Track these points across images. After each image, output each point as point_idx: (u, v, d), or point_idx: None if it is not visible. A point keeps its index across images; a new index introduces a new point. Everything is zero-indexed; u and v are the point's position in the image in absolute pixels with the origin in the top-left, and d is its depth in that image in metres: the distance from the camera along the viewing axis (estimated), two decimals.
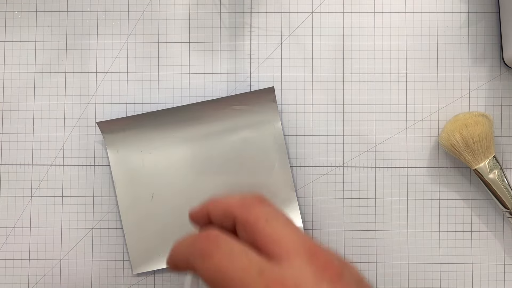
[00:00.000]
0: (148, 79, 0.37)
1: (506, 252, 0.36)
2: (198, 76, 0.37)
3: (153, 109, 0.37)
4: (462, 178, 0.37)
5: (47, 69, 0.37)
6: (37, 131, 0.37)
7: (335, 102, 0.37)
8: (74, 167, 0.37)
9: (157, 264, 0.36)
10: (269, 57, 0.37)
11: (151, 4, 0.38)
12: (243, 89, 0.37)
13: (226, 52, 0.38)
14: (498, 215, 0.36)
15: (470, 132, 0.34)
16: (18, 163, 0.37)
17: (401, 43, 0.37)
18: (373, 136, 0.37)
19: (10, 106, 0.37)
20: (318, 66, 0.37)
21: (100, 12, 0.38)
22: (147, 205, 0.36)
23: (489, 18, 0.37)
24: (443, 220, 0.36)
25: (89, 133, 0.37)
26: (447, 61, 0.37)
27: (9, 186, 0.37)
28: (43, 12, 0.38)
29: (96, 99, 0.37)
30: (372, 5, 0.38)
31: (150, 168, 0.36)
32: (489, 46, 0.37)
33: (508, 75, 0.37)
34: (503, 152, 0.37)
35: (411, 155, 0.37)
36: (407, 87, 0.37)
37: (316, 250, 0.23)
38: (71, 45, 0.38)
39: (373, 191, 0.37)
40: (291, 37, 0.38)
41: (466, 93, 0.37)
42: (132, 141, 0.36)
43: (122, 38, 0.38)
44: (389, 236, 0.36)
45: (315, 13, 0.38)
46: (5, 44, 0.38)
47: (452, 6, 0.37)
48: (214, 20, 0.38)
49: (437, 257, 0.36)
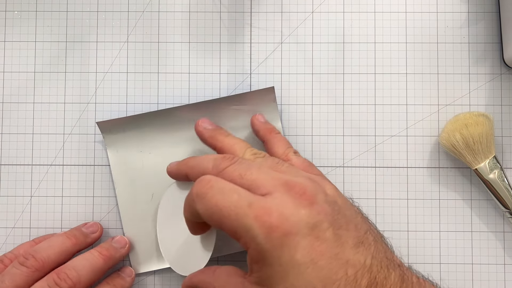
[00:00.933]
0: (148, 79, 0.37)
1: (506, 252, 0.36)
2: (198, 76, 0.37)
3: (153, 109, 0.37)
4: (462, 178, 0.37)
5: (47, 69, 0.37)
6: (37, 131, 0.37)
7: (335, 102, 0.37)
8: (74, 167, 0.37)
9: (157, 264, 0.36)
10: (269, 57, 0.37)
11: (151, 4, 0.38)
12: (243, 89, 0.37)
13: (226, 52, 0.37)
14: (498, 215, 0.36)
15: (471, 132, 0.34)
16: (18, 163, 0.37)
17: (401, 43, 0.37)
18: (373, 136, 0.37)
19: (10, 106, 0.37)
20: (318, 66, 0.37)
21: (100, 12, 0.38)
22: (147, 205, 0.36)
23: (489, 18, 0.37)
24: (443, 220, 0.36)
25: (89, 133, 0.37)
26: (447, 61, 0.37)
27: (9, 186, 0.37)
28: (43, 12, 0.38)
29: (96, 99, 0.37)
30: (372, 5, 0.38)
31: (150, 168, 0.36)
32: (489, 46, 0.37)
33: (508, 75, 0.37)
34: (504, 152, 0.37)
35: (411, 155, 0.37)
36: (407, 87, 0.37)
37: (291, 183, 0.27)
38: (71, 45, 0.38)
39: (373, 191, 0.37)
40: (291, 37, 0.38)
41: (466, 93, 0.37)
42: (132, 141, 0.36)
43: (122, 38, 0.38)
44: (389, 236, 0.36)
45: (315, 13, 0.38)
46: (5, 44, 0.38)
47: (452, 6, 0.37)
48: (214, 20, 0.38)
49: (437, 257, 0.36)
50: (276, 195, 0.26)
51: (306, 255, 0.24)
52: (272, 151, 0.33)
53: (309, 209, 0.25)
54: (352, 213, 0.28)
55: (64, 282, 0.30)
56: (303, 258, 0.24)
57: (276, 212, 0.25)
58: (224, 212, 0.25)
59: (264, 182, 0.27)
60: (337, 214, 0.26)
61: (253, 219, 0.25)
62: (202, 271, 0.31)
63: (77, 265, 0.32)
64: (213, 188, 0.26)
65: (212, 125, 0.34)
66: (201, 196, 0.26)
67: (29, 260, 0.31)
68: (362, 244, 0.26)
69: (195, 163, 0.30)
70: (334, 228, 0.25)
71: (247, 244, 0.25)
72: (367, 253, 0.25)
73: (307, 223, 0.25)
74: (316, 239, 0.25)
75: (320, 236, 0.25)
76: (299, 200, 0.26)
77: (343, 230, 0.26)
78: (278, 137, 0.34)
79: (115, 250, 0.34)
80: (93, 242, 0.35)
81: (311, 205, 0.26)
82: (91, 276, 0.32)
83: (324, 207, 0.26)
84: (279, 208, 0.25)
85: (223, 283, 0.28)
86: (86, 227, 0.35)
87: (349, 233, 0.26)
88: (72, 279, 0.31)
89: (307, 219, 0.25)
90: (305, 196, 0.26)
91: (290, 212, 0.25)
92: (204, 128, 0.34)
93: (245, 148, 0.31)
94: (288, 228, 0.25)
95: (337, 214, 0.26)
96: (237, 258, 0.36)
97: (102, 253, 0.33)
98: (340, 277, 0.24)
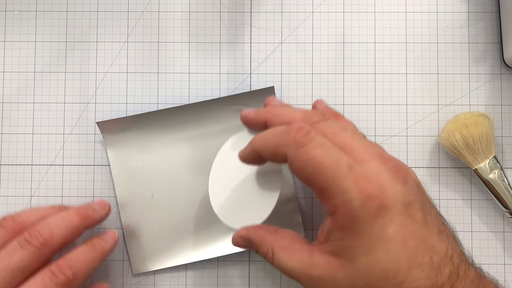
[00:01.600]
0: (148, 79, 0.37)
1: (506, 252, 0.36)
2: (198, 76, 0.37)
3: (153, 109, 0.37)
4: (462, 178, 0.37)
5: (47, 69, 0.37)
6: (37, 131, 0.37)
7: (335, 102, 0.37)
8: (74, 167, 0.37)
9: (157, 264, 0.36)
10: (269, 57, 0.37)
11: (151, 4, 0.38)
12: (243, 89, 0.37)
13: (226, 52, 0.37)
14: (498, 215, 0.36)
15: (471, 132, 0.34)
16: (18, 163, 0.37)
17: (401, 43, 0.37)
18: (373, 136, 0.37)
19: (10, 106, 0.37)
20: (318, 66, 0.37)
21: (100, 12, 0.38)
22: (147, 205, 0.36)
23: (489, 18, 0.37)
24: None
25: (89, 133, 0.37)
26: (447, 61, 0.37)
27: (9, 186, 0.37)
28: (43, 12, 0.38)
29: (96, 99, 0.37)
30: (372, 5, 0.38)
31: (150, 168, 0.36)
32: (489, 46, 0.37)
33: (508, 75, 0.37)
34: (504, 152, 0.37)
35: (411, 155, 0.37)
36: (407, 87, 0.37)
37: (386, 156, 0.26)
38: (71, 45, 0.38)
39: None
40: (291, 37, 0.38)
41: (466, 93, 0.37)
42: (132, 141, 0.36)
43: (122, 38, 0.38)
44: None
45: (315, 13, 0.38)
46: (5, 44, 0.38)
47: (452, 6, 0.37)
48: (214, 20, 0.38)
49: None
50: (373, 164, 0.25)
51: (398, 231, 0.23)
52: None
53: (404, 186, 0.24)
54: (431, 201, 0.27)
55: (35, 239, 0.28)
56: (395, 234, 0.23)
57: (377, 182, 0.24)
58: (323, 167, 0.24)
59: (359, 148, 0.25)
60: (424, 197, 0.26)
61: (352, 182, 0.24)
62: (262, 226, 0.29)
63: (51, 222, 0.30)
64: (314, 140, 0.25)
65: None
66: (300, 144, 0.25)
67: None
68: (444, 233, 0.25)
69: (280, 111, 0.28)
70: (423, 211, 0.25)
71: (337, 207, 0.24)
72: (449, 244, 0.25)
73: (404, 200, 0.24)
74: (409, 218, 0.24)
75: (412, 216, 0.24)
76: (395, 175, 0.25)
77: (428, 215, 0.25)
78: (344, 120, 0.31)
79: (92, 209, 0.32)
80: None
81: (405, 183, 0.25)
82: (66, 233, 0.30)
83: (414, 188, 0.25)
84: (379, 179, 0.24)
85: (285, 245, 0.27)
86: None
87: (433, 220, 0.25)
88: (44, 235, 0.29)
89: (403, 196, 0.24)
90: (400, 173, 0.25)
91: (389, 186, 0.24)
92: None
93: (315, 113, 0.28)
94: (386, 200, 0.24)
95: (424, 198, 0.26)
96: (237, 258, 0.36)
97: (79, 211, 0.31)
98: (426, 261, 0.23)
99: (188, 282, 0.36)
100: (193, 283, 0.36)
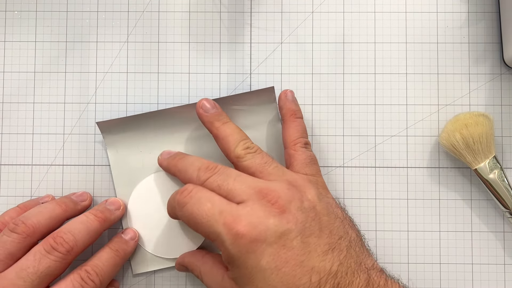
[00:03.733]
0: (148, 79, 0.37)
1: (506, 252, 0.36)
2: (198, 76, 0.37)
3: (153, 109, 0.37)
4: (462, 178, 0.37)
5: (47, 69, 0.37)
6: (37, 131, 0.37)
7: (335, 102, 0.37)
8: (74, 167, 0.37)
9: (157, 264, 0.36)
10: (269, 57, 0.37)
11: (151, 4, 0.38)
12: (243, 89, 0.37)
13: (226, 52, 0.37)
14: (498, 215, 0.36)
15: (471, 132, 0.34)
16: (18, 163, 0.37)
17: (401, 43, 0.37)
18: (373, 136, 0.37)
19: (10, 106, 0.37)
20: (318, 66, 0.37)
21: (100, 12, 0.38)
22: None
23: (489, 18, 0.37)
24: (443, 220, 0.36)
25: (89, 133, 0.37)
26: (447, 61, 0.37)
27: (9, 186, 0.37)
28: (43, 12, 0.38)
29: (96, 99, 0.37)
30: (372, 5, 0.38)
31: (150, 168, 0.36)
32: (489, 46, 0.37)
33: (508, 75, 0.37)
34: (503, 152, 0.37)
35: (411, 155, 0.37)
36: (407, 87, 0.37)
37: (265, 191, 0.28)
38: (71, 45, 0.38)
39: (373, 191, 0.37)
40: (291, 37, 0.38)
41: (466, 93, 0.37)
42: (132, 141, 0.36)
43: (122, 38, 0.38)
44: (389, 236, 0.36)
45: (315, 13, 0.38)
46: (5, 44, 0.38)
47: (452, 6, 0.37)
48: (214, 20, 0.38)
49: (437, 257, 0.36)
50: (249, 203, 0.28)
51: (271, 261, 0.26)
52: (285, 134, 0.34)
53: (279, 217, 0.27)
54: (330, 219, 0.29)
55: (61, 246, 0.30)
56: (268, 265, 0.26)
57: (245, 220, 0.27)
58: (198, 220, 0.28)
59: (239, 191, 0.29)
60: (311, 221, 0.28)
61: (222, 225, 0.27)
62: (193, 253, 0.34)
63: (73, 228, 0.31)
64: (192, 198, 0.29)
65: (214, 107, 0.34)
66: (181, 205, 0.29)
67: (19, 226, 0.30)
68: (332, 251, 0.27)
69: (183, 167, 0.32)
70: (303, 236, 0.27)
71: (219, 247, 0.28)
72: (335, 260, 0.27)
73: (275, 232, 0.27)
74: (283, 247, 0.27)
75: (286, 245, 0.27)
76: (270, 208, 0.28)
77: (314, 237, 0.28)
78: (297, 122, 0.34)
79: (109, 212, 0.34)
80: (83, 210, 0.35)
81: (282, 213, 0.28)
82: (87, 239, 0.31)
83: (296, 215, 0.28)
84: (248, 216, 0.27)
85: (207, 270, 0.31)
86: (76, 196, 0.35)
87: (320, 240, 0.28)
88: (69, 242, 0.30)
89: (275, 228, 0.27)
90: (277, 204, 0.28)
91: (259, 221, 0.27)
92: (205, 111, 0.33)
93: (239, 141, 0.32)
94: (255, 235, 0.27)
95: (311, 221, 0.28)
96: None
97: (97, 215, 0.33)
98: (304, 283, 0.26)
99: (188, 282, 0.36)
100: (193, 283, 0.36)
